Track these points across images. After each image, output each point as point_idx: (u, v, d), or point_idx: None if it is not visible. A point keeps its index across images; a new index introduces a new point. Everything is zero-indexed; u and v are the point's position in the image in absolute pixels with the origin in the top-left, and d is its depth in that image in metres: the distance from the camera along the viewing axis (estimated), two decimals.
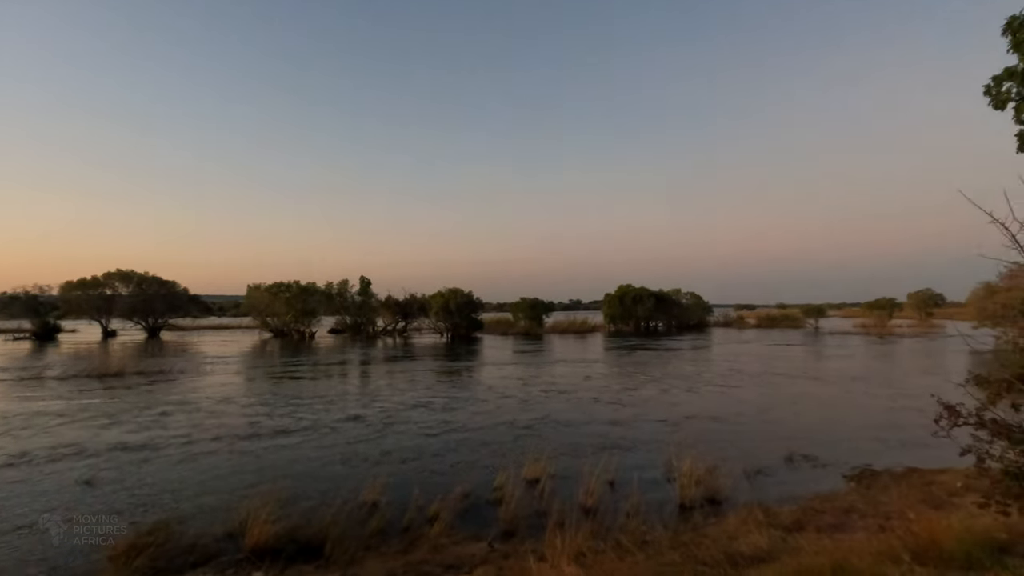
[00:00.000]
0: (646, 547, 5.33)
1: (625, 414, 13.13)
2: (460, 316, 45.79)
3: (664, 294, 59.76)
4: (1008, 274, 28.06)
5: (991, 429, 4.11)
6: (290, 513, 6.07)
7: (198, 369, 22.65)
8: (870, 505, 6.70)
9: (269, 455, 9.49)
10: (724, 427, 11.83)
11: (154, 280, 49.42)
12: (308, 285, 47.77)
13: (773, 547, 4.96)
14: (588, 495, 7.07)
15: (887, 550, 4.00)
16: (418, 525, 6.29)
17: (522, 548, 5.51)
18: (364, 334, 48.02)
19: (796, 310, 68.85)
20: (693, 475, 7.44)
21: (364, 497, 6.97)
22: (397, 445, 10.17)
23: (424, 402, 14.75)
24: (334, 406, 14.11)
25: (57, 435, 10.75)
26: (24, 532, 6.07)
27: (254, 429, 11.42)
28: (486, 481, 7.81)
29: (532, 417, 12.70)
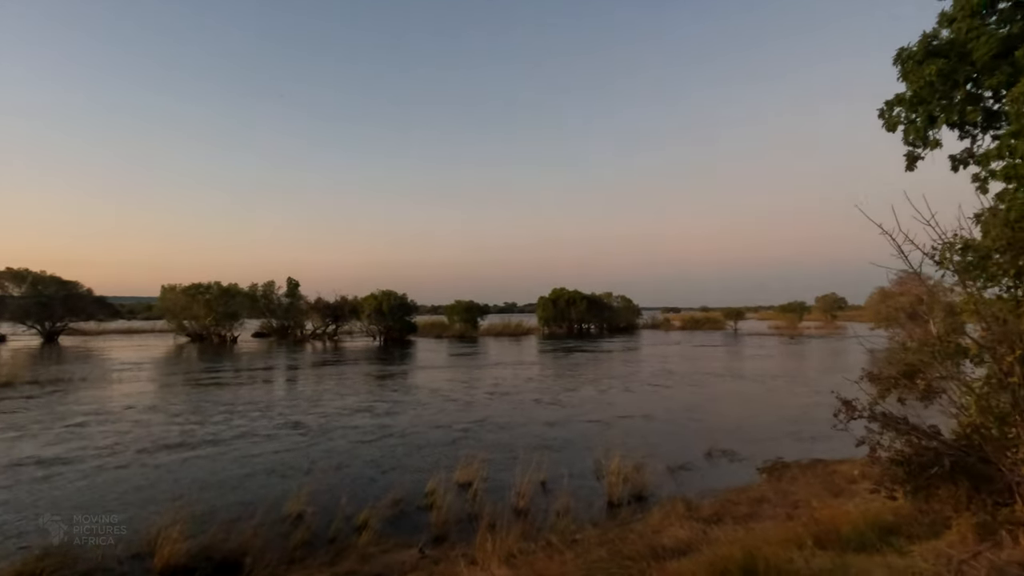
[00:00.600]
0: (575, 545, 5.44)
1: (558, 415, 13.36)
2: (393, 319, 44.93)
3: (596, 297, 61.37)
4: (898, 280, 31.18)
5: (881, 422, 4.53)
6: (207, 529, 5.71)
7: (104, 377, 20.84)
8: (780, 495, 7.18)
9: (185, 468, 8.89)
10: (651, 425, 12.30)
11: (52, 280, 44.97)
12: (230, 286, 45.21)
13: (693, 539, 5.21)
14: (520, 496, 7.13)
15: (793, 536, 4.31)
16: (346, 535, 6.11)
17: (453, 553, 5.48)
18: (292, 338, 46.08)
19: (718, 313, 72.82)
20: (621, 473, 7.69)
21: (288, 509, 6.68)
22: (326, 453, 9.82)
23: (356, 408, 14.34)
24: (259, 414, 13.42)
25: None
26: None
27: (168, 440, 10.65)
28: (418, 487, 7.70)
29: (466, 420, 12.66)
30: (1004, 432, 4.05)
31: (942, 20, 9.60)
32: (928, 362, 4.63)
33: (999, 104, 9.20)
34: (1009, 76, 8.66)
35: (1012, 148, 8.29)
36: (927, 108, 9.84)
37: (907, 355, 4.85)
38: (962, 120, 9.59)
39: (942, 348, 4.52)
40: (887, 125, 10.74)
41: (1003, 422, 4.05)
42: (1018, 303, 4.15)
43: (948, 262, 4.53)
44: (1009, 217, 5.42)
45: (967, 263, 4.51)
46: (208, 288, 44.28)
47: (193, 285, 44.46)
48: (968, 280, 4.51)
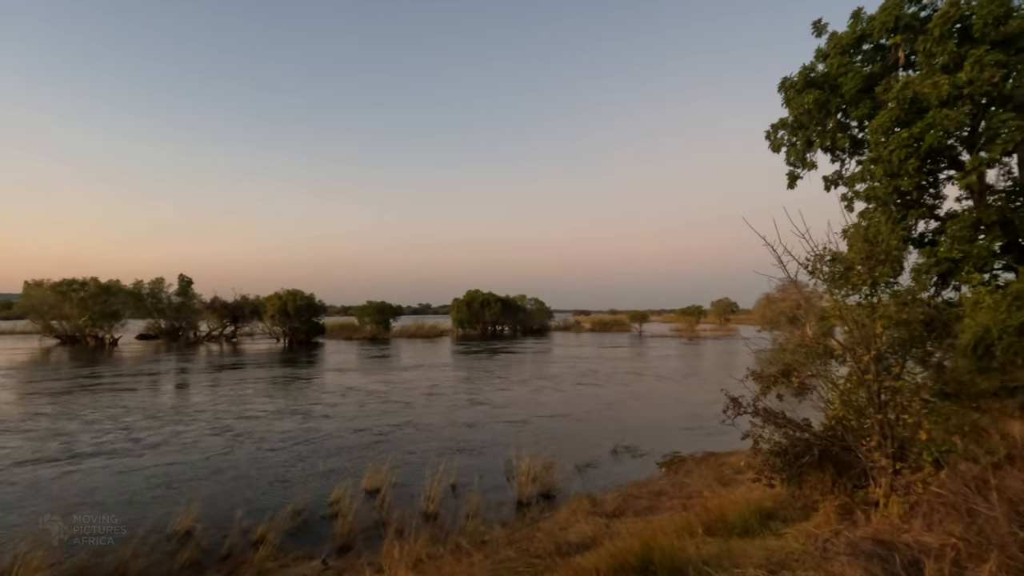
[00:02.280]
0: (484, 547, 5.47)
1: (471, 417, 13.37)
2: (299, 320, 42.78)
3: (510, 300, 62.14)
4: (781, 287, 34.49)
5: (763, 416, 4.98)
6: (75, 552, 5.11)
7: None
8: (676, 487, 7.65)
9: (49, 486, 7.89)
10: (560, 425, 12.64)
11: None
12: (110, 283, 40.77)
13: (597, 534, 5.42)
14: (430, 501, 7.06)
15: (686, 526, 4.62)
16: (241, 550, 5.73)
17: (358, 562, 5.32)
18: (183, 340, 42.46)
19: (625, 315, 76.45)
20: (530, 473, 7.84)
21: (175, 526, 6.14)
22: (219, 465, 9.14)
23: (254, 415, 13.48)
24: (141, 425, 12.20)
25: None
26: None
27: (31, 455, 9.41)
28: (322, 496, 7.39)
29: (376, 425, 12.33)
30: (861, 423, 4.60)
31: (818, 55, 10.77)
32: (802, 361, 5.16)
33: (863, 133, 10.48)
34: (871, 109, 9.87)
35: (871, 172, 9.45)
36: (805, 133, 10.99)
37: (785, 355, 5.37)
38: (833, 145, 10.82)
39: (813, 349, 5.06)
40: (772, 146, 11.87)
41: (861, 414, 4.60)
42: (873, 309, 4.72)
43: (819, 272, 5.08)
44: (868, 233, 6.16)
45: (834, 273, 5.07)
46: (84, 284, 39.70)
47: (64, 281, 39.64)
48: (835, 288, 5.08)
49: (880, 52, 10.07)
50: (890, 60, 9.82)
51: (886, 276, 5.14)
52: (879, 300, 4.95)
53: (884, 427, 4.32)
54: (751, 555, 3.80)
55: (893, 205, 9.47)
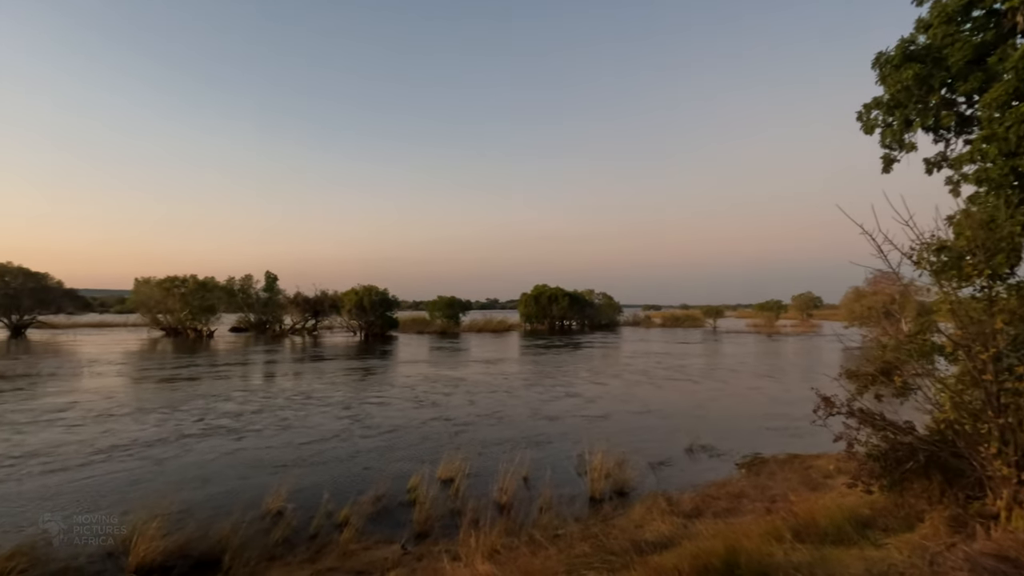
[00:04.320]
0: (558, 541, 5.46)
1: (541, 411, 13.40)
2: (374, 314, 44.53)
3: (578, 294, 61.67)
4: (872, 280, 31.94)
5: (859, 417, 4.63)
6: (184, 526, 5.59)
7: (73, 371, 20.27)
8: (758, 490, 7.30)
9: (161, 465, 8.70)
10: (633, 421, 12.41)
11: (19, 271, 43.52)
12: (207, 280, 44.29)
13: (674, 533, 5.27)
14: (503, 492, 7.14)
15: (772, 530, 4.39)
16: (327, 532, 6.04)
17: (436, 549, 5.46)
18: (269, 333, 45.38)
19: (697, 310, 73.84)
20: (603, 469, 7.75)
21: (268, 505, 6.58)
22: (306, 449, 9.71)
23: (336, 403, 14.19)
24: (237, 410, 13.20)
25: None
26: None
27: (143, 437, 10.41)
28: (400, 483, 7.65)
29: (449, 416, 12.63)
30: (977, 428, 4.17)
31: (919, 26, 9.82)
32: (904, 359, 4.74)
33: (972, 109, 9.46)
34: (982, 82, 8.90)
35: (983, 152, 8.53)
36: (903, 112, 10.07)
37: (884, 353, 4.96)
38: (937, 124, 9.83)
39: (918, 346, 4.64)
40: (865, 128, 10.96)
41: (976, 418, 4.17)
42: (991, 303, 4.26)
43: (925, 262, 4.64)
44: (982, 219, 5.57)
45: (942, 263, 4.62)
46: (184, 281, 43.32)
47: (168, 278, 43.43)
48: (943, 280, 4.62)
49: (993, 18, 9.04)
50: (1006, 26, 8.80)
51: (1004, 267, 4.63)
52: (996, 293, 4.46)
53: (1005, 433, 3.89)
54: (848, 565, 3.55)
55: (1010, 188, 8.51)
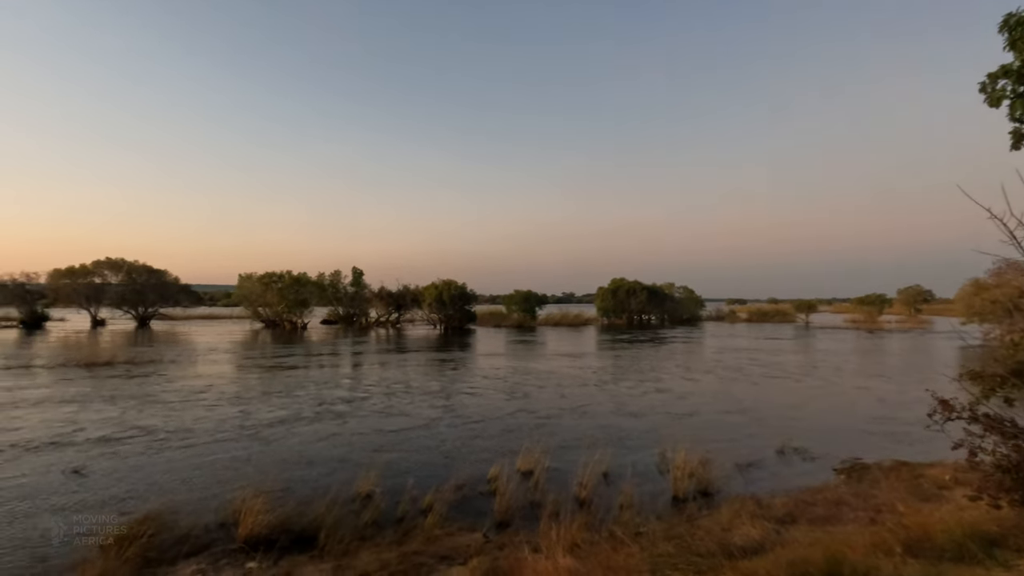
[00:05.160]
0: (640, 538, 5.35)
1: (621, 406, 13.18)
2: (453, 308, 45.76)
3: (657, 288, 60.00)
4: (995, 271, 28.35)
5: (984, 424, 4.15)
6: (284, 503, 6.03)
7: (190, 359, 22.47)
8: (860, 498, 6.76)
9: (263, 446, 9.45)
10: (719, 419, 11.91)
11: (144, 269, 48.87)
12: (300, 276, 47.55)
13: (766, 539, 5.00)
14: (582, 487, 7.09)
15: (879, 542, 4.04)
16: (412, 516, 6.28)
17: (516, 539, 5.52)
18: (357, 325, 47.91)
19: (787, 305, 69.39)
20: (687, 467, 7.48)
21: (358, 488, 6.95)
22: (392, 436, 10.16)
23: (418, 393, 14.73)
24: (329, 397, 14.07)
25: (44, 425, 10.64)
26: (18, 522, 6.01)
27: (248, 419, 11.36)
28: (480, 473, 7.81)
29: (527, 409, 12.72)
30: None
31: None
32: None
33: None
34: None
35: None
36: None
37: (1016, 352, 4.40)
38: None
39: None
40: (990, 100, 9.75)
41: None
42: None
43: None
44: None
45: None
46: (281, 277, 46.76)
47: (267, 274, 47.10)
48: None
49: None
50: None
51: None
52: None
53: None
54: None
55: None
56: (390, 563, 4.98)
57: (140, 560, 4.90)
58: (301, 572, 4.89)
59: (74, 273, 46.35)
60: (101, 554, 4.80)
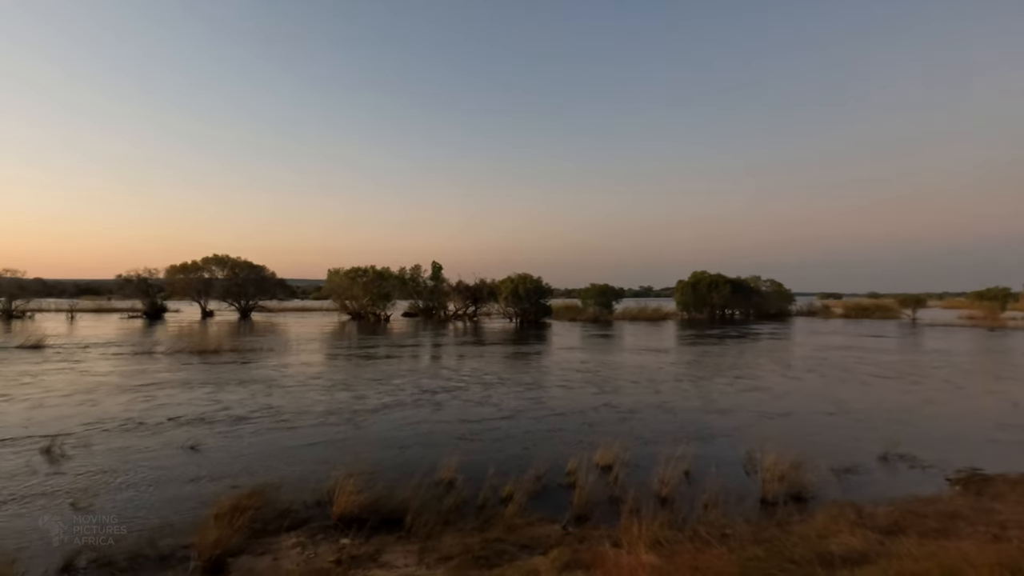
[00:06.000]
0: (726, 540, 5.15)
1: (705, 403, 12.72)
2: (529, 301, 46.03)
3: (741, 281, 57.18)
4: None
5: None
6: (373, 485, 6.35)
7: (286, 348, 24.22)
8: (980, 512, 6.12)
9: (355, 430, 10.04)
10: (815, 421, 11.20)
11: (245, 265, 53.17)
12: (383, 270, 49.76)
13: (868, 549, 4.65)
14: (663, 484, 6.92)
15: (1007, 561, 3.63)
16: (492, 505, 6.41)
17: (596, 533, 5.50)
18: (436, 318, 49.43)
19: (890, 299, 63.58)
20: (777, 469, 7.10)
21: (441, 475, 7.19)
22: (474, 426, 10.42)
23: (497, 384, 15.00)
24: (412, 385, 14.69)
25: (164, 404, 11.88)
26: (146, 489, 6.77)
27: (339, 405, 12.09)
28: (558, 465, 7.82)
29: (605, 403, 12.59)
30: None
31: None
32: None
33: None
34: None
35: None
36: None
37: None
38: None
39: None
40: None
41: None
42: None
43: None
44: None
45: None
46: (365, 272, 49.17)
47: (353, 269, 49.75)
48: None
49: None
50: None
51: None
52: None
53: None
54: None
55: None
56: (473, 548, 5.12)
57: (248, 530, 5.36)
58: (390, 551, 5.14)
59: (187, 269, 51.24)
60: (215, 522, 5.28)
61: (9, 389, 13.43)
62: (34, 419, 10.40)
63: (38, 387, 13.80)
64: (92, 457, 8.11)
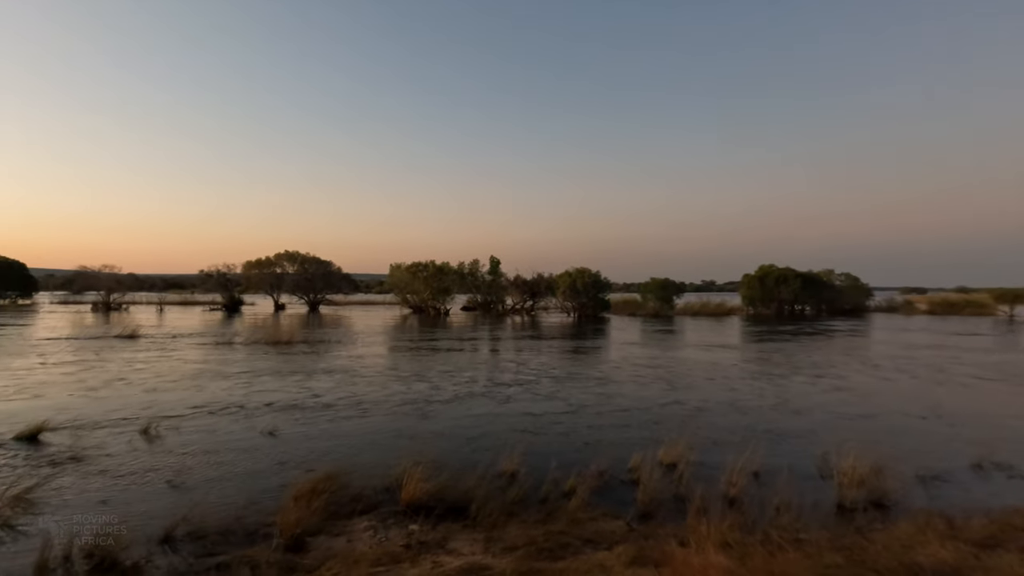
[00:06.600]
0: (800, 545, 4.95)
1: (777, 402, 12.20)
2: (587, 296, 45.64)
3: (813, 275, 54.24)
4: None
5: None
6: (439, 474, 6.53)
7: (353, 339, 25.25)
8: None
9: (422, 419, 10.36)
10: (902, 424, 10.50)
11: (314, 260, 55.74)
12: (443, 265, 50.78)
13: (962, 563, 4.34)
14: (731, 484, 6.72)
15: None
16: (555, 498, 6.44)
17: (661, 531, 5.42)
18: (494, 312, 49.93)
19: (983, 295, 58.37)
20: (855, 474, 6.73)
21: (503, 466, 7.29)
22: (536, 419, 10.48)
23: (562, 379, 15.01)
24: (473, 378, 14.96)
25: (245, 391, 12.68)
26: (224, 471, 7.29)
27: (404, 395, 12.51)
28: (621, 461, 7.74)
29: (668, 400, 12.33)
30: None
31: None
32: None
33: None
34: None
35: None
36: None
37: None
38: None
39: None
40: None
41: None
42: None
43: None
44: None
45: None
46: (426, 267, 50.36)
47: (414, 263, 51.06)
48: None
49: None
50: None
51: None
52: None
53: None
54: None
55: None
56: (537, 540, 5.18)
57: (324, 512, 5.65)
58: (456, 538, 5.28)
59: (260, 264, 54.31)
60: (294, 503, 5.61)
61: (126, 374, 14.83)
62: (148, 401, 11.46)
63: (149, 372, 15.22)
64: (184, 437, 8.82)
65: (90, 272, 52.85)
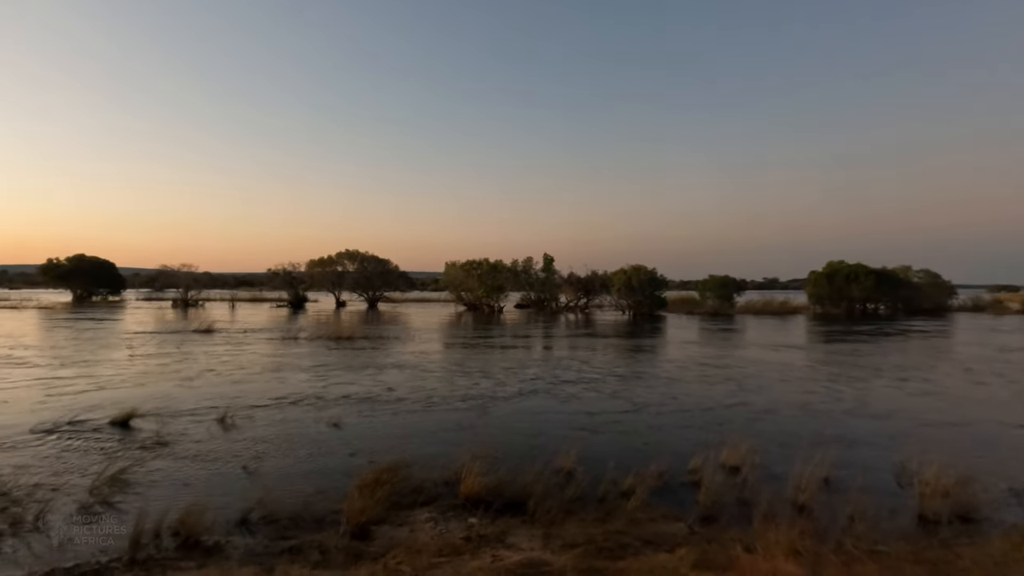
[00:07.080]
0: (878, 557, 4.67)
1: (843, 407, 11.56)
2: (643, 293, 44.82)
3: (887, 272, 50.94)
4: None
5: None
6: (497, 469, 6.60)
7: (411, 336, 25.91)
8: None
9: (482, 415, 10.52)
10: (990, 433, 9.72)
11: (372, 259, 57.50)
12: (496, 263, 51.18)
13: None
14: (800, 490, 6.41)
15: None
16: (613, 498, 6.36)
17: (725, 535, 5.26)
18: (547, 309, 49.87)
19: None
20: (939, 484, 6.27)
21: (560, 464, 7.27)
22: (595, 418, 10.41)
23: (614, 377, 14.84)
24: (537, 375, 15.05)
25: (323, 384, 13.29)
26: (294, 459, 7.66)
27: (462, 391, 12.71)
28: (681, 462, 7.56)
29: (731, 401, 11.93)
30: None
31: None
32: None
33: None
34: None
35: None
36: None
37: None
38: None
39: None
40: None
41: None
42: None
43: None
44: None
45: None
46: (480, 264, 50.91)
47: (468, 262, 51.73)
48: None
49: None
50: None
51: None
52: None
53: None
54: None
55: None
56: (595, 538, 5.15)
57: (387, 502, 5.83)
58: (515, 533, 5.32)
59: (323, 263, 56.58)
60: (359, 493, 5.82)
61: (214, 366, 15.94)
62: (238, 391, 12.24)
63: (233, 364, 16.27)
64: (259, 427, 9.33)
65: (170, 271, 56.81)
